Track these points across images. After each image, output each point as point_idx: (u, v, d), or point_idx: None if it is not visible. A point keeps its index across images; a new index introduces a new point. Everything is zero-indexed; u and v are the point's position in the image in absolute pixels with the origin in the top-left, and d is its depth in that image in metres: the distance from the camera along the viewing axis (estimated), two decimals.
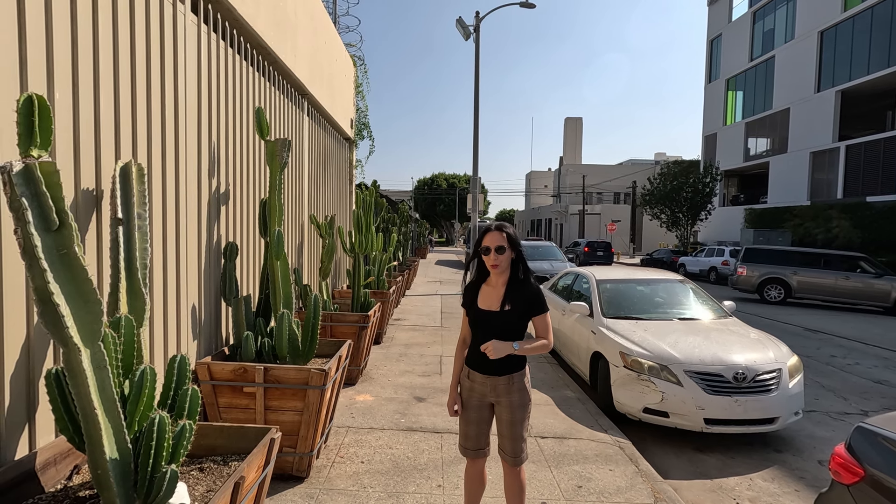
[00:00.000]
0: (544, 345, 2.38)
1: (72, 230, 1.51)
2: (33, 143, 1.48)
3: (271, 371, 3.05)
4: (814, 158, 25.46)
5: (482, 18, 15.24)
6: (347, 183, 8.99)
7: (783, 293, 14.04)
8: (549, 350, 2.41)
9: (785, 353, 4.55)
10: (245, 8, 3.79)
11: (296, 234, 5.61)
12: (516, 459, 2.41)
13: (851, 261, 13.64)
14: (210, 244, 3.46)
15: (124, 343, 1.87)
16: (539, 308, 2.40)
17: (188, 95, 3.13)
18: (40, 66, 1.98)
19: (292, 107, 5.39)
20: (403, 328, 8.34)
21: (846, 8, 23.60)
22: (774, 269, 14.18)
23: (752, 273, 14.40)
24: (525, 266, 2.45)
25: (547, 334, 2.41)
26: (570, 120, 70.35)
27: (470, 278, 2.58)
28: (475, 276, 2.53)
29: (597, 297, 5.67)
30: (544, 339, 2.39)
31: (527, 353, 2.32)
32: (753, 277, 14.36)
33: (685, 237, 30.13)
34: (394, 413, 4.45)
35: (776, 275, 14.11)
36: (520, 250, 2.44)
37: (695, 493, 3.57)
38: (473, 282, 2.53)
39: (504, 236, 2.39)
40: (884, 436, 2.07)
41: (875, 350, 8.46)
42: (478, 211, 14.65)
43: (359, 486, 3.16)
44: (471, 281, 2.55)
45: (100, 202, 2.31)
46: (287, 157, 3.73)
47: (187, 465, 2.09)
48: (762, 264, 14.39)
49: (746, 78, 30.98)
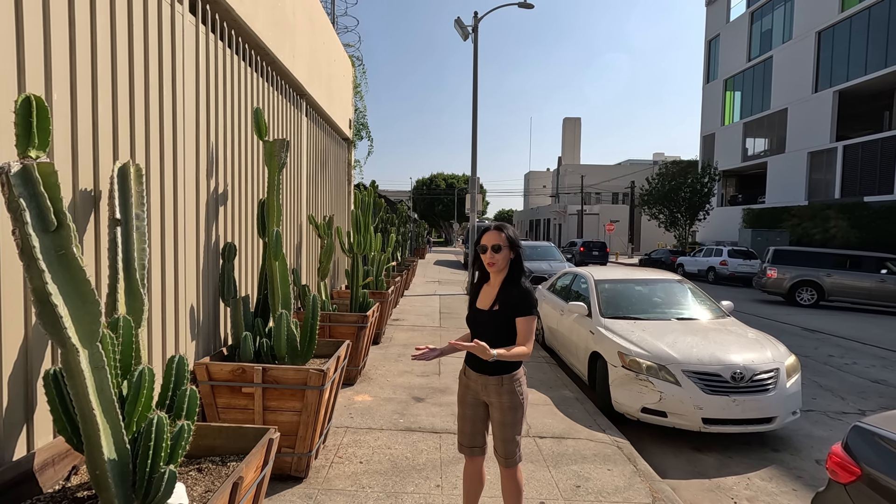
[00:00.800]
0: (522, 352, 2.25)
1: (70, 231, 1.51)
2: (31, 144, 1.48)
3: (270, 371, 3.05)
4: (811, 158, 25.52)
5: (480, 19, 15.24)
6: (346, 183, 8.99)
7: (815, 296, 13.62)
8: (527, 358, 2.31)
9: (782, 352, 4.56)
10: (243, 8, 3.79)
11: (294, 235, 5.61)
12: (508, 461, 2.43)
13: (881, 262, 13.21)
14: (208, 244, 3.46)
15: (122, 343, 1.87)
16: (522, 309, 2.31)
17: (186, 96, 3.13)
18: (38, 66, 1.97)
19: (290, 107, 5.39)
20: (402, 328, 8.34)
21: (843, 8, 23.67)
22: (806, 272, 13.67)
23: (784, 275, 13.88)
24: (520, 268, 2.44)
25: (526, 341, 2.27)
26: (569, 120, 70.41)
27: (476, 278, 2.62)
28: (480, 275, 2.57)
29: (595, 297, 5.68)
30: (523, 346, 2.26)
31: (505, 359, 2.23)
32: (785, 280, 13.84)
33: (683, 237, 30.18)
34: (392, 413, 4.45)
35: (809, 277, 13.60)
36: (519, 251, 2.44)
37: (693, 492, 3.57)
38: (478, 281, 2.58)
39: (502, 236, 2.40)
40: (880, 435, 2.08)
41: (873, 350, 8.48)
42: (476, 211, 14.66)
43: (357, 486, 3.16)
44: (477, 280, 2.60)
45: (98, 203, 2.31)
46: (285, 157, 3.73)
47: (186, 466, 2.09)
48: (793, 266, 13.87)
49: (744, 78, 31.05)
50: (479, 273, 2.56)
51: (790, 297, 13.88)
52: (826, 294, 13.53)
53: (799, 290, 13.80)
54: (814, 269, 13.68)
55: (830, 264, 13.69)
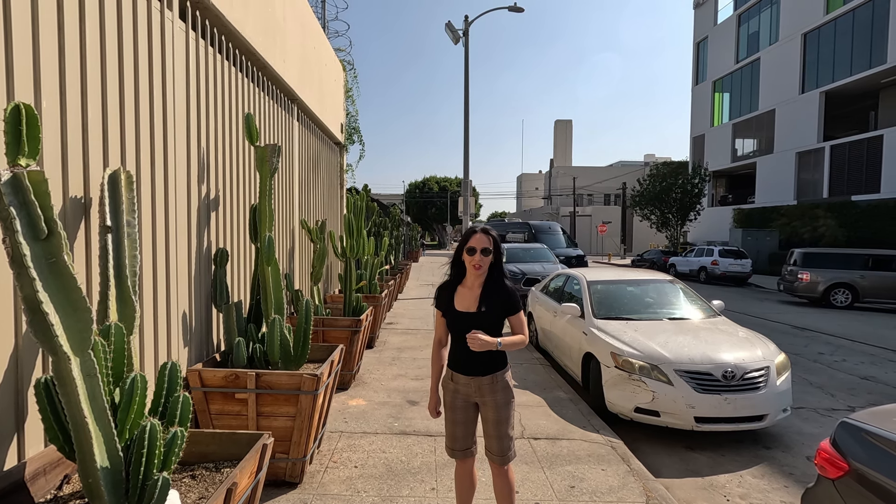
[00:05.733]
0: (521, 340, 2.43)
1: (61, 239, 1.51)
2: (21, 152, 1.48)
3: (263, 377, 3.04)
4: (799, 158, 25.86)
5: (471, 23, 15.32)
6: (338, 187, 8.98)
7: (850, 298, 13.66)
8: (525, 344, 2.47)
9: (773, 350, 4.62)
10: (234, 14, 3.79)
11: (287, 240, 5.60)
12: (504, 458, 2.43)
13: None
14: (200, 250, 3.45)
15: (114, 351, 1.86)
16: (514, 308, 2.45)
17: (177, 102, 3.13)
18: (27, 74, 1.97)
19: (282, 112, 5.39)
20: (396, 332, 8.34)
21: (828, 10, 24.05)
22: (840, 274, 13.70)
23: (817, 278, 13.85)
24: (501, 269, 2.48)
25: (523, 329, 2.47)
26: (560, 122, 70.82)
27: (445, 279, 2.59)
28: (451, 277, 2.53)
29: (588, 299, 5.72)
30: (521, 335, 2.45)
31: (507, 348, 2.35)
32: (819, 283, 13.81)
33: (675, 237, 30.42)
34: (387, 417, 4.45)
35: (844, 279, 13.62)
36: (500, 254, 2.47)
37: (686, 491, 3.60)
38: (448, 283, 2.53)
39: (490, 239, 2.41)
40: (867, 430, 2.11)
41: (862, 347, 8.59)
42: (469, 214, 14.69)
43: (352, 490, 3.16)
44: (445, 282, 2.55)
45: (88, 210, 2.30)
46: (277, 162, 3.73)
47: (179, 473, 2.08)
48: (825, 269, 13.90)
49: (733, 80, 31.42)
50: (453, 274, 2.52)
51: (824, 299, 13.85)
52: (861, 296, 13.59)
53: (833, 292, 13.82)
54: (846, 271, 13.75)
55: (861, 265, 13.74)
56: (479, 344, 2.27)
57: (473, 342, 2.27)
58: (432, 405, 2.61)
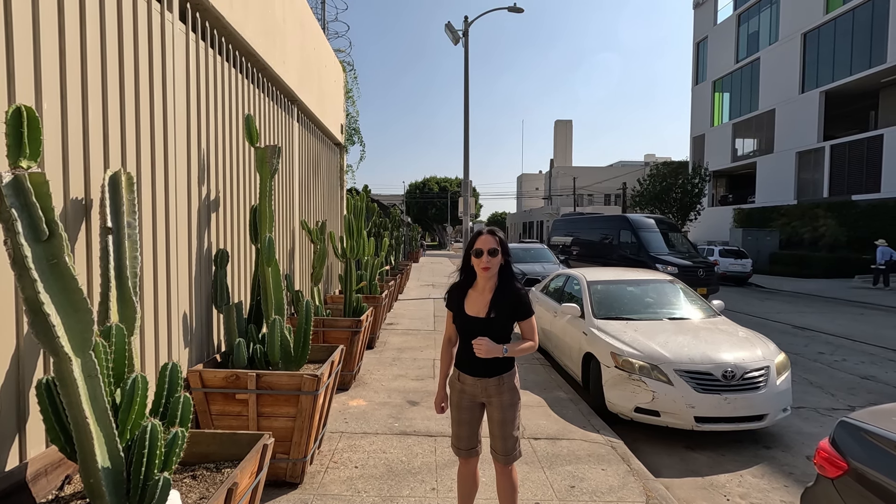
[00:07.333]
0: (531, 346, 2.44)
1: (62, 240, 1.52)
2: (22, 154, 1.48)
3: (263, 377, 3.05)
4: (800, 158, 25.85)
5: (471, 23, 15.33)
6: (338, 188, 8.99)
7: None
8: (534, 350, 2.47)
9: (772, 350, 4.62)
10: (233, 16, 3.80)
11: (287, 240, 5.60)
12: (508, 458, 2.44)
13: None
14: (200, 251, 3.46)
15: (115, 351, 1.87)
16: (525, 313, 2.43)
17: (177, 103, 3.13)
18: (28, 76, 1.98)
19: (282, 113, 5.40)
20: (396, 332, 8.34)
21: (828, 10, 24.05)
22: None
23: None
24: (511, 272, 2.46)
25: (533, 336, 2.46)
26: (560, 123, 70.85)
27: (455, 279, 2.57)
28: (461, 278, 2.52)
29: (588, 299, 5.72)
30: (531, 341, 2.45)
31: (515, 354, 2.37)
32: None
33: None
34: (387, 417, 4.45)
35: None
36: (508, 256, 2.45)
37: (686, 490, 3.61)
38: (459, 283, 2.51)
39: (496, 240, 2.40)
40: (865, 430, 2.12)
41: (862, 346, 8.59)
42: (470, 214, 14.70)
43: (353, 490, 3.16)
44: (456, 282, 2.54)
45: (89, 211, 2.31)
46: (277, 163, 3.74)
47: (180, 473, 2.09)
48: None
49: (732, 80, 31.41)
50: (463, 275, 2.51)
51: None
52: None
53: None
54: None
55: None
56: (484, 350, 2.28)
57: (479, 349, 2.28)
58: (438, 400, 2.60)
